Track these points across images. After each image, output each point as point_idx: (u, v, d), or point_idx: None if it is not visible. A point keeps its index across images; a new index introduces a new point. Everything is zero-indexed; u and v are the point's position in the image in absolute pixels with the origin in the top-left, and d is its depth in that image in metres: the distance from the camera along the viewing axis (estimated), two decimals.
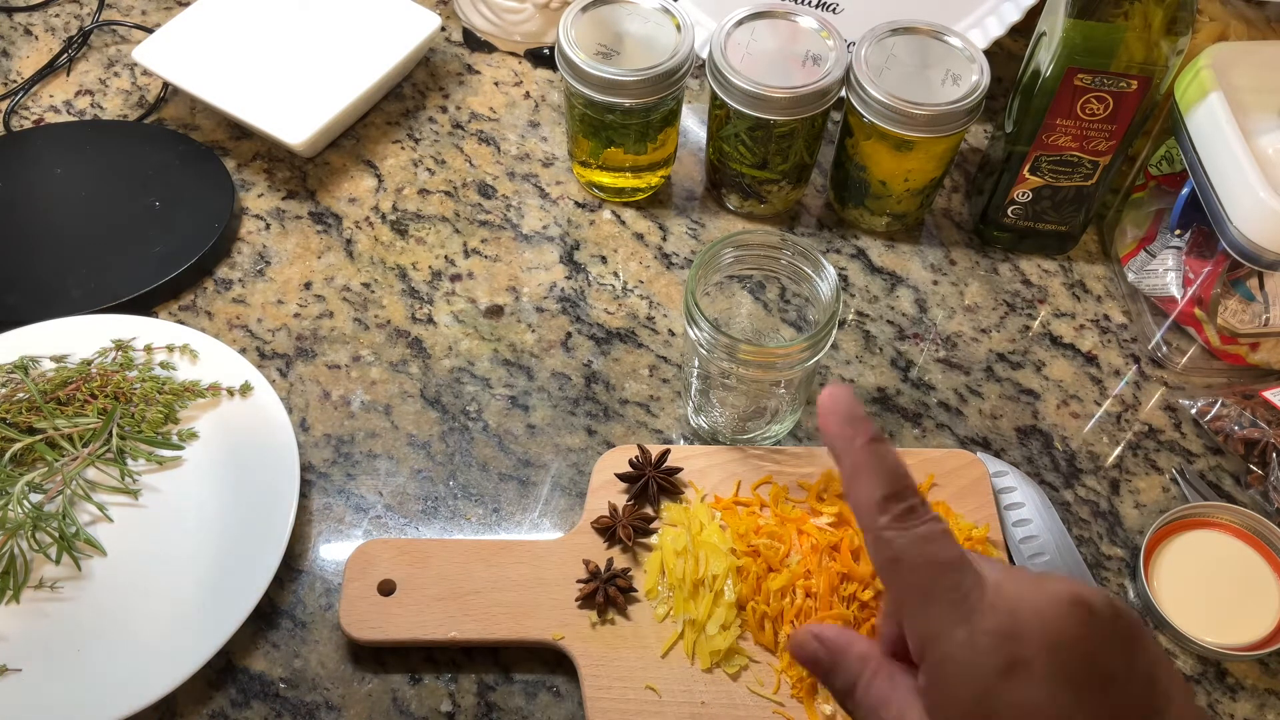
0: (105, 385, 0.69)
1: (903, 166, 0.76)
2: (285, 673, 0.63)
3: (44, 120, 0.87)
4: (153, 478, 0.68)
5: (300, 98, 0.84)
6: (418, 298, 0.78)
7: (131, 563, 0.64)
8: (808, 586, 0.61)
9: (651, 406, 0.74)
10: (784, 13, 0.76)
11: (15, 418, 0.67)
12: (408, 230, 0.82)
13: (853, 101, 0.74)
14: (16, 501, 0.63)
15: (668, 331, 0.77)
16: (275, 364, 0.74)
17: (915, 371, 0.76)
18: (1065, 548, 0.67)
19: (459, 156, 0.86)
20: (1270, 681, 0.64)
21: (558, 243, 0.81)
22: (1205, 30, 0.77)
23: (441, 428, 0.72)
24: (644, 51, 0.75)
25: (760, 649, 0.62)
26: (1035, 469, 0.72)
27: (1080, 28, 0.66)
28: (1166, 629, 0.65)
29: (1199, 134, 0.70)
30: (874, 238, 0.83)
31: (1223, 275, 0.71)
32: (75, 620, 0.62)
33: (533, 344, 0.76)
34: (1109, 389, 0.76)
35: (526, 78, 0.92)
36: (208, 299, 0.77)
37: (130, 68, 0.91)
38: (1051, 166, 0.75)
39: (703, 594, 0.62)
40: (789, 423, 0.71)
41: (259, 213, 0.82)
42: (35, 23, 0.94)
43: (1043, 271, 0.82)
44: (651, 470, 0.67)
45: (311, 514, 0.68)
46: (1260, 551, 0.67)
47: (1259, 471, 0.71)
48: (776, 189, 0.81)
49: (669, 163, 0.83)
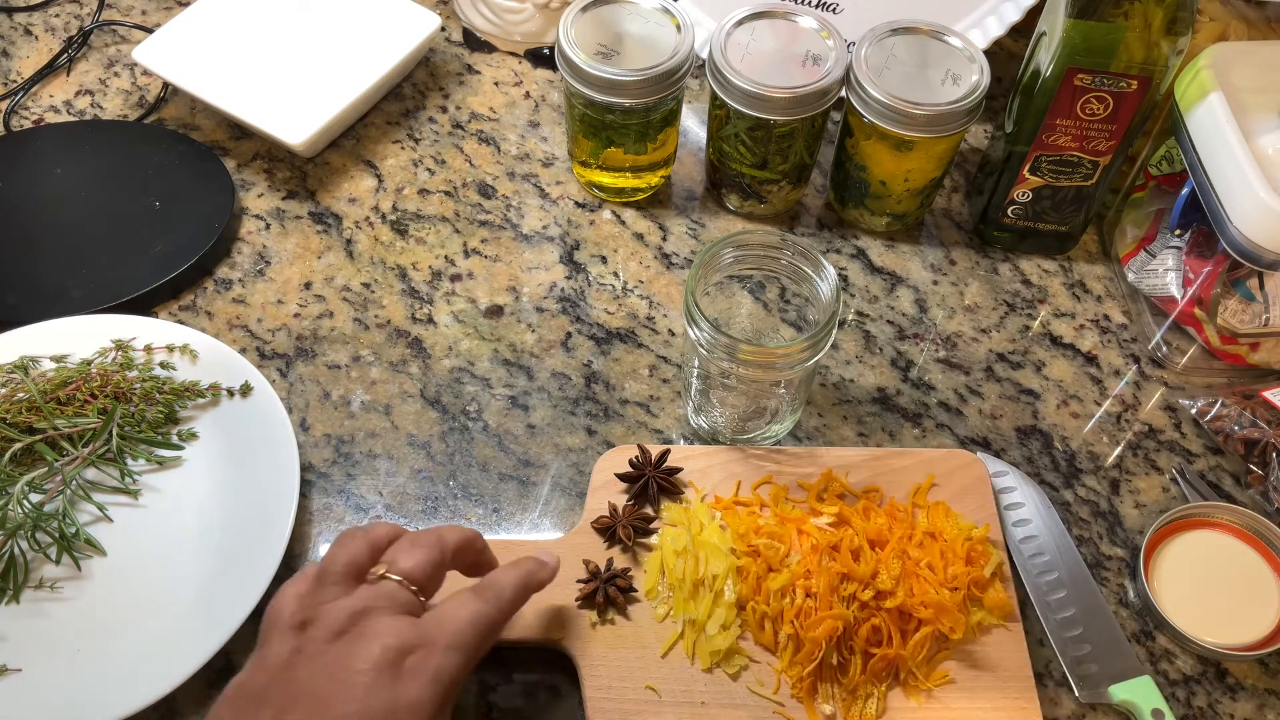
0: (105, 385, 0.69)
1: (903, 166, 0.76)
2: None
3: (44, 120, 0.87)
4: (153, 478, 0.68)
5: (300, 98, 0.84)
6: (418, 298, 0.78)
7: (131, 563, 0.64)
8: (808, 586, 0.61)
9: (651, 406, 0.74)
10: (784, 13, 0.76)
11: (15, 418, 0.67)
12: (408, 230, 0.82)
13: (853, 101, 0.74)
14: (16, 501, 0.63)
15: (668, 331, 0.77)
16: (275, 364, 0.74)
17: (915, 371, 0.76)
18: (1065, 548, 0.67)
19: (459, 156, 0.86)
20: (1270, 681, 0.64)
21: (558, 243, 0.82)
22: (1205, 30, 0.77)
23: (441, 428, 0.72)
24: (644, 51, 0.75)
25: (760, 649, 0.62)
26: (1035, 469, 0.72)
27: (1080, 28, 0.66)
28: (1166, 629, 0.65)
29: (1199, 134, 0.70)
30: (874, 238, 0.83)
31: (1223, 275, 0.71)
32: (75, 620, 0.62)
33: (533, 344, 0.76)
34: (1109, 389, 0.76)
35: (526, 78, 0.92)
36: (208, 299, 0.77)
37: (130, 68, 0.91)
38: (1051, 166, 0.75)
39: (703, 594, 0.62)
40: (789, 423, 0.71)
41: (259, 213, 0.82)
42: (35, 23, 0.94)
43: (1043, 271, 0.82)
44: (651, 470, 0.67)
45: (311, 514, 0.68)
46: (1260, 551, 0.67)
47: (1259, 471, 0.71)
48: (776, 189, 0.81)
49: (669, 163, 0.83)
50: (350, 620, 0.49)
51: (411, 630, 0.49)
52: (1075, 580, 0.66)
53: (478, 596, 0.52)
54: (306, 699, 0.46)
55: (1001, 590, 0.64)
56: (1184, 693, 0.64)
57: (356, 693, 0.46)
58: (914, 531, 0.64)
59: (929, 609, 0.61)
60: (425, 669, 0.48)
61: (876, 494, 0.67)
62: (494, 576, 0.55)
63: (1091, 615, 0.65)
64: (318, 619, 0.49)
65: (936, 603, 0.61)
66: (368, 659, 0.47)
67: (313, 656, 0.48)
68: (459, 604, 0.52)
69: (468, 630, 0.50)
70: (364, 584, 0.52)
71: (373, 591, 0.51)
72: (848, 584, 0.61)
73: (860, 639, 0.60)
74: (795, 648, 0.60)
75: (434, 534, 0.54)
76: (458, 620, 0.51)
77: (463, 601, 0.52)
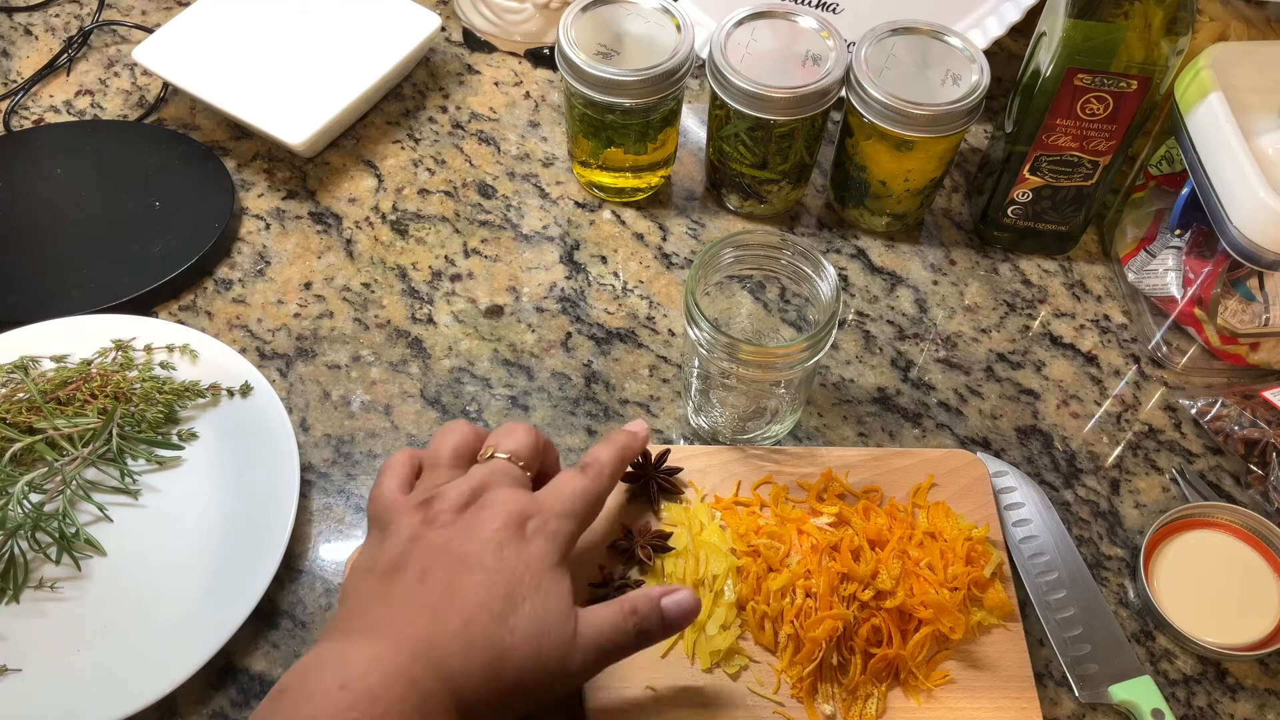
0: (105, 385, 0.69)
1: (903, 166, 0.76)
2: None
3: (44, 120, 0.87)
4: (153, 478, 0.68)
5: (300, 98, 0.84)
6: (418, 298, 0.78)
7: (131, 563, 0.64)
8: (808, 586, 0.61)
9: (651, 406, 0.74)
10: (784, 13, 0.76)
11: (15, 418, 0.67)
12: (408, 230, 0.82)
13: (853, 101, 0.74)
14: (16, 501, 0.63)
15: (668, 331, 0.77)
16: (275, 364, 0.74)
17: (915, 371, 0.76)
18: (1065, 548, 0.67)
19: (459, 156, 0.86)
20: (1270, 681, 0.64)
21: (558, 243, 0.82)
22: (1205, 30, 0.77)
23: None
24: (644, 51, 0.75)
25: (760, 649, 0.62)
26: (1035, 469, 0.72)
27: (1080, 28, 0.66)
28: (1166, 629, 0.65)
29: (1199, 134, 0.70)
30: (874, 238, 0.83)
31: (1223, 275, 0.71)
32: (75, 620, 0.62)
33: (533, 344, 0.76)
34: (1109, 389, 0.76)
35: (526, 78, 0.92)
36: (208, 299, 0.77)
37: (130, 68, 0.91)
38: (1051, 166, 0.75)
39: (703, 594, 0.62)
40: (789, 423, 0.71)
41: (259, 213, 0.82)
42: (35, 23, 0.94)
43: (1043, 271, 0.82)
44: (652, 471, 0.67)
45: (311, 514, 0.68)
46: (1260, 551, 0.67)
47: (1259, 471, 0.71)
48: (776, 189, 0.81)
49: (669, 163, 0.83)
50: (472, 495, 0.54)
51: (529, 499, 0.54)
52: (1075, 580, 0.66)
53: (581, 473, 0.57)
54: (445, 559, 0.51)
55: (1001, 590, 0.64)
56: (1184, 693, 0.64)
57: (490, 549, 0.51)
58: (914, 531, 0.64)
59: (929, 609, 0.61)
60: (545, 530, 0.53)
61: (876, 494, 0.67)
62: (593, 453, 0.58)
63: (1091, 615, 0.65)
64: (441, 495, 0.54)
65: (936, 603, 0.61)
66: (495, 522, 0.52)
67: (445, 525, 0.52)
68: (567, 479, 0.56)
69: (578, 500, 0.55)
70: (476, 464, 0.56)
71: (487, 469, 0.55)
72: (848, 584, 0.61)
73: (860, 639, 0.60)
74: (795, 648, 0.60)
75: (526, 424, 0.59)
76: (567, 492, 0.55)
77: (570, 477, 0.56)
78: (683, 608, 0.54)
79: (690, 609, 0.54)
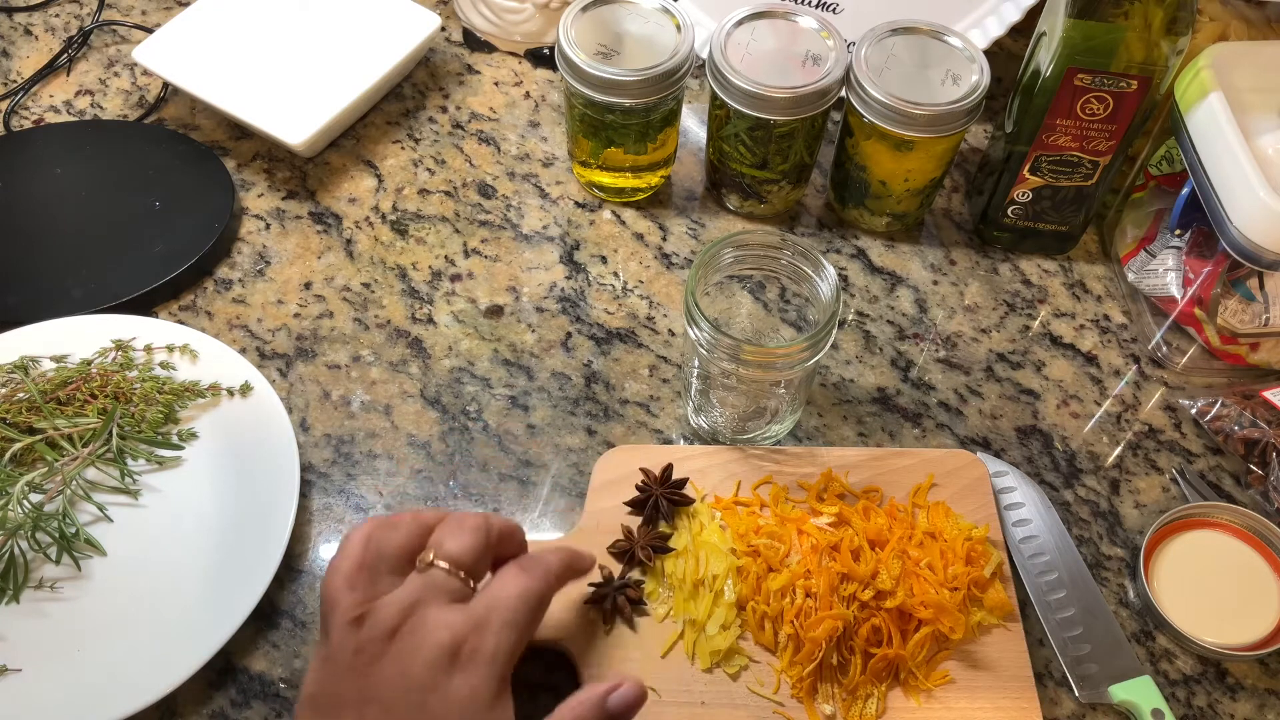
0: (105, 385, 0.69)
1: (903, 166, 0.76)
2: (285, 673, 0.63)
3: (44, 120, 0.87)
4: (153, 478, 0.68)
5: (300, 98, 0.84)
6: (418, 298, 0.78)
7: (131, 563, 0.64)
8: (808, 586, 0.61)
9: (651, 406, 0.74)
10: (784, 13, 0.76)
11: (15, 418, 0.67)
12: (408, 230, 0.82)
13: (853, 101, 0.74)
14: (16, 501, 0.63)
15: (668, 331, 0.77)
16: (275, 364, 0.74)
17: (915, 371, 0.76)
18: (1065, 548, 0.67)
19: (459, 156, 0.86)
20: (1270, 681, 0.64)
21: (558, 243, 0.82)
22: (1205, 30, 0.77)
23: (441, 428, 0.72)
24: (644, 51, 0.75)
25: (760, 649, 0.62)
26: (1035, 469, 0.72)
27: (1080, 28, 0.66)
28: (1166, 629, 0.65)
29: (1199, 134, 0.70)
30: (874, 238, 0.83)
31: (1223, 275, 0.71)
32: (75, 620, 0.62)
33: (533, 344, 0.76)
34: (1109, 389, 0.76)
35: (526, 78, 0.92)
36: (208, 299, 0.77)
37: (130, 68, 0.91)
38: (1051, 166, 0.75)
39: (703, 594, 0.62)
40: (789, 423, 0.71)
41: (259, 213, 0.82)
42: (35, 23, 0.94)
43: (1043, 271, 0.82)
44: (658, 489, 0.66)
45: (311, 514, 0.68)
46: (1260, 551, 0.67)
47: (1259, 471, 0.71)
48: (776, 189, 0.81)
49: (669, 163, 0.83)
50: (402, 617, 0.50)
51: (462, 619, 0.50)
52: (1075, 580, 0.66)
53: (524, 571, 0.53)
54: (376, 705, 0.49)
55: (1001, 590, 0.64)
56: (1184, 693, 0.64)
57: (415, 696, 0.48)
58: (914, 531, 0.64)
59: (929, 609, 0.61)
60: (481, 653, 0.50)
61: (876, 494, 0.67)
62: (537, 553, 0.55)
63: (1091, 615, 0.65)
64: (372, 615, 0.50)
65: (936, 603, 0.61)
66: (423, 660, 0.49)
67: (374, 658, 0.49)
68: (507, 581, 0.52)
69: (519, 605, 0.51)
70: (414, 572, 0.53)
71: (422, 582, 0.52)
72: (848, 584, 0.61)
73: (860, 639, 0.60)
74: (795, 648, 0.60)
75: (480, 517, 0.55)
76: (507, 598, 0.52)
77: (510, 578, 0.53)
78: (627, 700, 0.52)
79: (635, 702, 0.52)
